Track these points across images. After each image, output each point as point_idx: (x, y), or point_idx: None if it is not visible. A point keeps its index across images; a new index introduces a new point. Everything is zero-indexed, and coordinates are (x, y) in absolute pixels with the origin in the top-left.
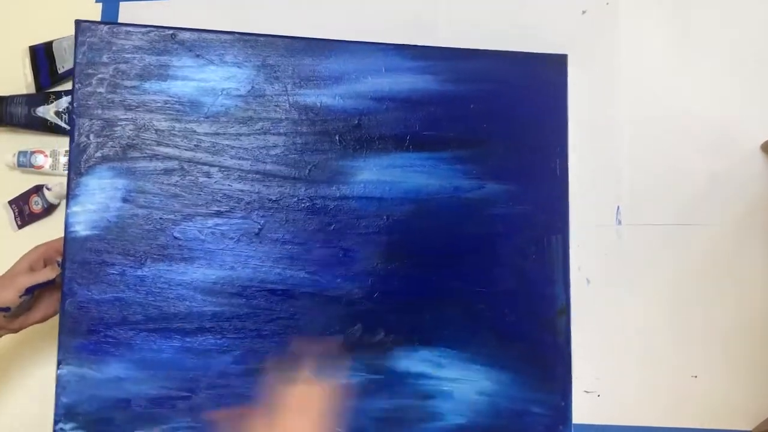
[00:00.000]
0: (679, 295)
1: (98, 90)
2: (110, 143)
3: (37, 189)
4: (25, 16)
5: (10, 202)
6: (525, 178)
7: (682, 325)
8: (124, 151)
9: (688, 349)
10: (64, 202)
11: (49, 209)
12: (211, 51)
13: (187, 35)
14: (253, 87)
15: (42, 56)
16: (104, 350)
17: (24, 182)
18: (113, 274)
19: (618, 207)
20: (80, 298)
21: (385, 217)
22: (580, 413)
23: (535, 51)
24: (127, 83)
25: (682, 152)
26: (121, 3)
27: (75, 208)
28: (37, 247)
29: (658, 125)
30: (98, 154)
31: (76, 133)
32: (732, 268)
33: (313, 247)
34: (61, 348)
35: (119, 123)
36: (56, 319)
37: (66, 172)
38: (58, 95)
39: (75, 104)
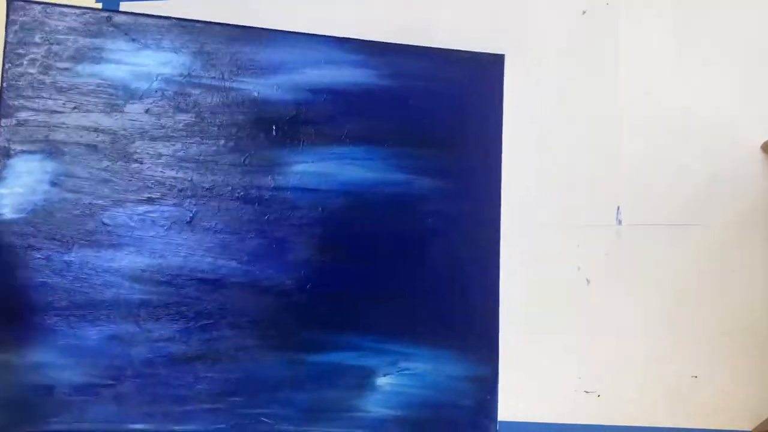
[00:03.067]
0: (679, 295)
1: (29, 71)
2: (40, 126)
3: None
4: None
5: None
6: (459, 176)
7: (682, 325)
8: (53, 134)
9: (688, 350)
10: None
11: None
12: (147, 35)
13: (123, 18)
14: (189, 73)
15: None
16: (28, 336)
17: None
18: (39, 258)
19: (618, 207)
20: (4, 283)
21: (319, 208)
22: (580, 413)
23: (531, 51)
24: (60, 65)
25: (682, 152)
26: (121, 3)
27: (1, 190)
28: None
29: (658, 125)
30: (27, 137)
31: (4, 114)
32: (732, 268)
33: (246, 237)
34: None
35: (50, 105)
36: None
37: None
38: None
39: (5, 84)
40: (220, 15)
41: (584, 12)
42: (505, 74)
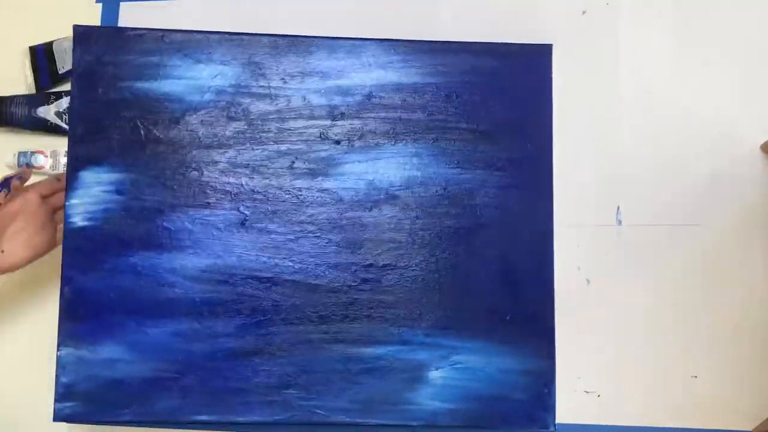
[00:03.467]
0: (679, 295)
1: (96, 89)
2: (106, 140)
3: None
4: (25, 16)
5: None
6: (509, 168)
7: (682, 325)
8: (119, 147)
9: (688, 349)
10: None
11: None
12: (198, 50)
13: (176, 36)
14: (239, 83)
15: (42, 56)
16: (100, 333)
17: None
18: (107, 262)
19: (618, 207)
20: (78, 285)
21: (369, 207)
22: (580, 413)
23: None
24: (122, 84)
25: (683, 152)
26: (121, 3)
27: (73, 201)
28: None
29: (658, 125)
30: (95, 150)
31: (74, 130)
32: (732, 268)
33: (298, 237)
34: (61, 331)
35: (114, 121)
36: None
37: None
38: (59, 95)
39: (73, 103)
40: (219, 14)
41: (584, 12)
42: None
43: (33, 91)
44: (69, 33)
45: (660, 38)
